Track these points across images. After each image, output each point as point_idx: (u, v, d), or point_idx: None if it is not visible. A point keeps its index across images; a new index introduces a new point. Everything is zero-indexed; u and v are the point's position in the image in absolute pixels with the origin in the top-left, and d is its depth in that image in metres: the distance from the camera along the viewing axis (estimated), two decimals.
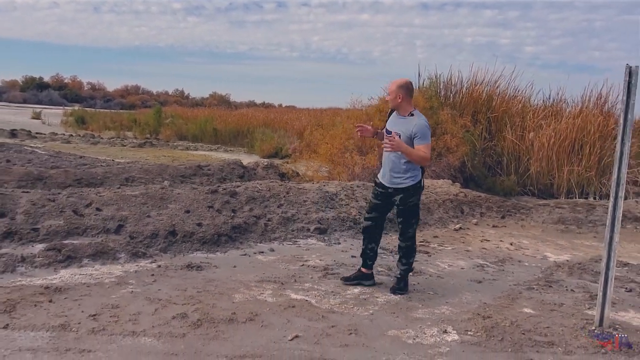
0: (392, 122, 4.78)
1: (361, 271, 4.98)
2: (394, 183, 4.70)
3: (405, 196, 4.69)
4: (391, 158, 4.69)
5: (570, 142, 12.02)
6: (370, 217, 4.92)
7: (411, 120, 4.61)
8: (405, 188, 4.67)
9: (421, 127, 4.57)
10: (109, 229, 5.55)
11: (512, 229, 7.96)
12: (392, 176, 4.70)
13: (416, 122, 4.59)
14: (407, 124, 4.60)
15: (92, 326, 3.66)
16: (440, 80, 12.42)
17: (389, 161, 4.73)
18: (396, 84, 4.68)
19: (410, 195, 4.71)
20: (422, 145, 4.53)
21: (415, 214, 4.83)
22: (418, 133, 4.54)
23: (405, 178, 4.66)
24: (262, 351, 3.44)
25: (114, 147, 18.69)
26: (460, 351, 3.59)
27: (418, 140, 4.53)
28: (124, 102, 57.82)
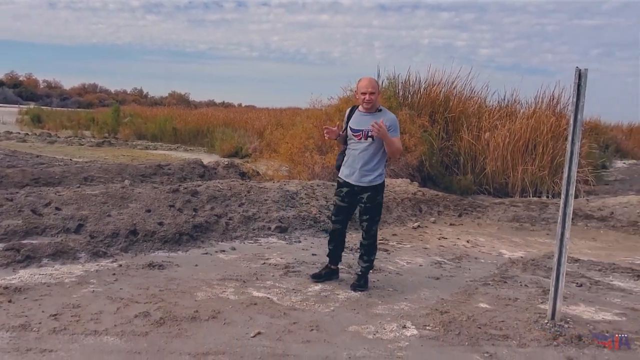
0: (357, 121, 4.78)
1: (330, 267, 5.07)
2: (364, 181, 4.74)
3: (373, 194, 4.78)
4: (362, 155, 4.72)
5: (524, 142, 12.39)
6: (338, 219, 4.97)
7: (380, 115, 4.69)
8: (374, 186, 4.76)
9: (393, 121, 4.72)
10: (69, 229, 5.49)
11: (469, 227, 8.18)
12: (362, 174, 4.74)
13: (388, 117, 4.70)
14: (378, 119, 4.62)
15: (53, 326, 3.65)
16: (398, 81, 12.64)
17: (359, 159, 4.74)
18: (376, 82, 4.84)
19: (377, 192, 4.82)
20: (395, 138, 4.67)
21: (380, 211, 4.96)
22: (392, 126, 4.64)
23: (376, 176, 4.76)
24: (225, 348, 3.49)
25: (72, 147, 18.33)
26: (419, 345, 3.70)
27: (392, 132, 4.63)
28: (81, 100, 56.50)
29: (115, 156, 15.92)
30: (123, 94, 62.90)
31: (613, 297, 5.06)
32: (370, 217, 4.85)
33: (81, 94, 61.65)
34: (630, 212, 9.16)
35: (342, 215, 4.95)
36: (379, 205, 4.91)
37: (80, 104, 53.04)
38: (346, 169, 4.87)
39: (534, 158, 12.30)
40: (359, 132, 4.73)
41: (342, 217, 4.96)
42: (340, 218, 4.96)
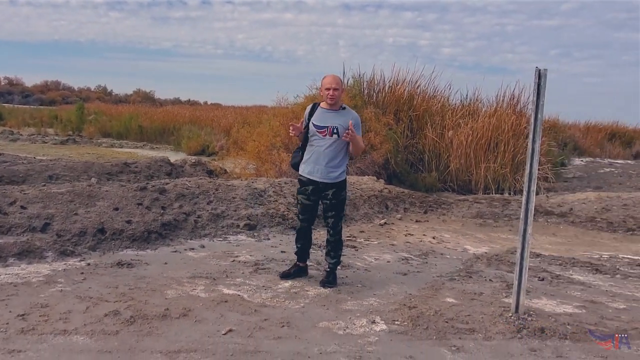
0: (321, 117, 4.83)
1: (298, 265, 5.15)
2: (329, 177, 4.81)
3: (337, 190, 4.86)
4: (327, 152, 4.78)
5: (487, 140, 12.63)
6: (304, 218, 5.04)
7: (345, 113, 4.81)
8: (339, 182, 4.85)
9: (358, 119, 4.86)
10: (35, 228, 5.42)
11: (434, 224, 8.34)
12: (328, 170, 4.80)
13: (352, 115, 4.84)
14: (342, 117, 4.76)
15: (21, 326, 3.62)
16: (363, 79, 12.75)
17: (324, 155, 4.79)
18: (340, 79, 4.91)
19: (342, 189, 4.91)
20: (358, 137, 4.77)
21: (344, 207, 5.06)
22: (357, 124, 4.78)
23: (340, 172, 4.85)
24: (197, 346, 3.51)
25: (35, 145, 17.95)
26: (388, 340, 3.79)
27: (358, 129, 4.78)
28: (44, 98, 54.95)
29: (80, 154, 15.66)
30: (87, 92, 61.43)
31: (573, 291, 5.24)
32: (336, 213, 4.94)
33: (43, 91, 59.90)
34: (589, 208, 9.46)
35: (308, 214, 5.02)
36: (344, 201, 5.01)
37: (42, 102, 51.68)
38: (308, 166, 4.90)
39: (496, 156, 12.56)
40: (324, 129, 4.77)
41: (308, 216, 5.03)
42: (307, 216, 5.03)
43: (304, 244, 5.10)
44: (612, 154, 25.98)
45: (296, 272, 5.10)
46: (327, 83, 4.78)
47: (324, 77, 4.90)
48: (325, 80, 4.83)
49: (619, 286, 5.50)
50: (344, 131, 4.66)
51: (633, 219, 9.01)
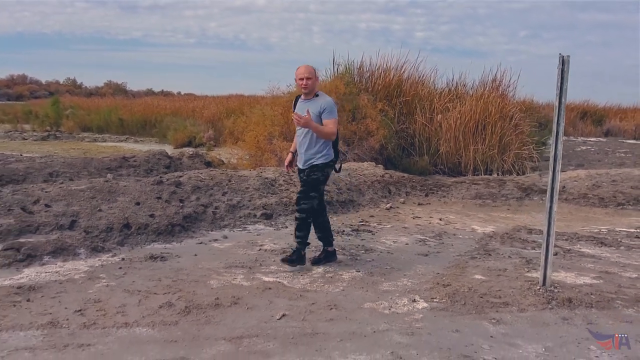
0: (298, 108, 5.02)
1: (327, 250, 5.28)
2: (307, 163, 4.97)
3: (310, 169, 4.96)
4: (304, 141, 4.96)
5: (474, 123, 12.92)
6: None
7: (317, 99, 4.93)
8: (316, 165, 4.93)
9: (329, 103, 4.91)
10: (63, 225, 5.47)
11: (437, 206, 8.58)
12: (306, 158, 4.96)
13: (323, 101, 4.91)
14: (314, 104, 4.89)
15: (82, 321, 3.72)
16: (353, 67, 12.91)
17: (301, 144, 5.00)
18: (314, 68, 4.97)
19: (316, 169, 4.96)
20: (329, 120, 4.86)
21: (315, 188, 5.02)
22: (326, 108, 4.86)
23: (319, 157, 4.94)
24: (256, 331, 3.67)
25: (15, 142, 17.67)
26: (432, 317, 4.00)
27: (326, 114, 4.86)
28: (10, 92, 53.50)
29: (65, 150, 15.50)
30: (55, 85, 59.98)
31: (586, 263, 5.54)
32: (303, 189, 5.05)
33: (9, 85, 58.28)
34: (580, 185, 9.83)
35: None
36: (315, 181, 5.00)
37: (9, 97, 50.38)
38: (298, 155, 5.14)
39: (484, 138, 12.86)
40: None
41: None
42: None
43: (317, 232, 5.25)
44: (585, 132, 26.70)
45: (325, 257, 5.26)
46: (300, 73, 4.91)
47: (297, 68, 5.00)
48: (298, 71, 4.94)
49: (626, 257, 5.82)
50: (315, 119, 4.80)
51: (622, 193, 9.40)
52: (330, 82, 11.44)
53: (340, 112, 11.09)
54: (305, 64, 4.99)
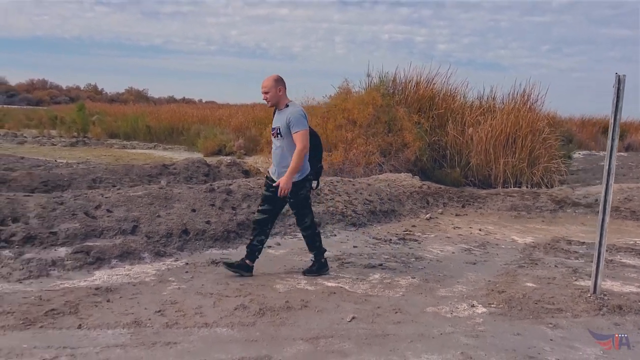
0: (274, 119, 4.99)
1: (246, 262, 5.11)
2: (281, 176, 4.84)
3: (295, 190, 4.87)
4: (277, 153, 4.91)
5: (505, 136, 13.08)
6: (263, 209, 5.06)
7: (286, 111, 4.81)
8: (293, 183, 4.81)
9: (294, 114, 4.75)
10: (125, 230, 5.70)
11: (474, 217, 8.74)
12: (280, 171, 4.87)
13: (290, 111, 4.78)
14: (282, 116, 4.81)
15: (164, 321, 3.92)
16: (387, 80, 13.14)
17: (275, 156, 4.96)
18: (273, 79, 4.83)
19: (300, 187, 4.91)
20: (297, 132, 4.72)
21: (306, 204, 5.08)
22: (292, 120, 4.72)
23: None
24: (331, 332, 3.86)
25: (45, 147, 18.02)
26: (492, 321, 4.18)
27: (293, 127, 4.73)
28: (31, 97, 54.09)
29: (96, 156, 15.83)
30: (76, 90, 60.55)
31: (629, 273, 5.72)
32: (298, 210, 5.07)
33: (29, 90, 58.80)
34: (612, 199, 9.91)
35: (267, 205, 5.04)
36: (304, 199, 5.02)
37: (29, 101, 50.86)
38: (271, 167, 5.12)
39: (514, 151, 13.02)
40: (274, 130, 4.93)
41: (267, 207, 5.04)
42: (265, 208, 5.04)
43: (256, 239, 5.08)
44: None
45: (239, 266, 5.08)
46: (261, 87, 4.87)
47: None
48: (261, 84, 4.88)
49: None
50: (284, 131, 4.76)
51: None
52: (367, 94, 11.67)
53: (376, 123, 11.33)
54: (267, 77, 4.90)
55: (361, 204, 7.90)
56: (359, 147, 10.51)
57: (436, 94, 13.65)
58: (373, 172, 10.54)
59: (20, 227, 5.30)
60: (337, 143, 10.61)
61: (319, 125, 10.76)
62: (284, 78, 4.91)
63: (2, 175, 8.28)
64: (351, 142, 10.63)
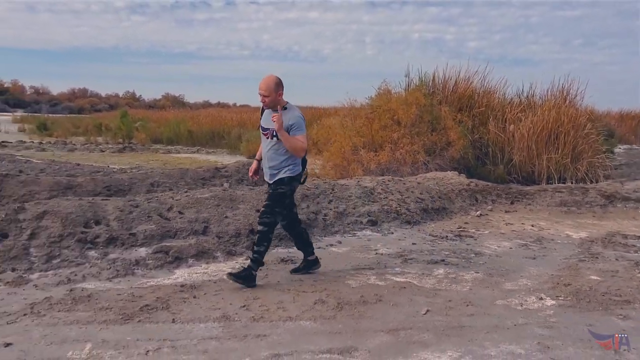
0: (265, 119, 4.90)
1: (308, 260, 5.29)
2: (273, 177, 4.85)
3: (277, 183, 4.84)
4: (269, 154, 4.84)
5: (547, 132, 13.10)
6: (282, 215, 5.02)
7: (285, 113, 4.71)
8: (281, 178, 4.82)
9: (296, 118, 4.71)
10: (197, 231, 6.00)
11: (523, 213, 8.84)
12: (271, 172, 4.86)
13: (291, 115, 4.72)
14: (282, 118, 4.68)
15: (250, 315, 4.17)
16: (427, 79, 13.30)
17: (267, 157, 4.87)
18: (274, 82, 4.72)
19: (282, 183, 4.83)
20: (298, 135, 4.70)
21: (279, 203, 4.88)
22: (295, 124, 4.67)
23: (285, 171, 4.82)
24: (408, 324, 4.07)
25: (94, 154, 18.59)
26: (562, 312, 4.34)
27: (294, 131, 4.68)
28: (72, 106, 55.75)
29: (145, 161, 16.29)
30: (115, 98, 62.35)
31: None
32: (268, 204, 4.88)
33: (71, 99, 60.80)
34: None
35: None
36: (279, 196, 4.87)
37: (71, 110, 52.45)
38: (263, 167, 5.04)
39: (557, 147, 13.02)
40: (267, 131, 4.85)
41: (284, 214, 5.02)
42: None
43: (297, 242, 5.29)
44: None
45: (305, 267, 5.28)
46: (259, 88, 4.76)
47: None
48: (259, 85, 4.77)
49: None
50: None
51: None
52: (410, 94, 11.86)
53: (420, 123, 11.50)
54: (265, 77, 4.79)
55: (413, 202, 8.08)
56: (405, 147, 10.70)
57: (475, 92, 13.73)
58: (419, 171, 10.71)
59: (103, 229, 5.64)
60: (382, 143, 10.81)
61: (364, 126, 10.99)
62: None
63: (68, 181, 8.69)
64: (397, 142, 10.82)
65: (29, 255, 5.12)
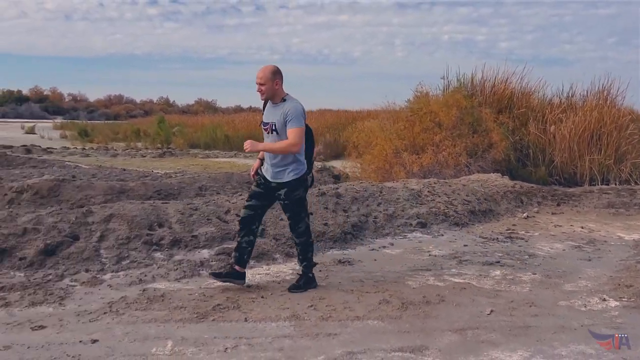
0: (266, 113, 4.69)
1: (234, 268, 4.85)
2: (277, 178, 4.63)
3: (289, 190, 4.62)
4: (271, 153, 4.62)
5: (589, 133, 13.00)
6: (249, 204, 4.79)
7: (284, 105, 4.52)
8: (289, 182, 4.59)
9: (293, 110, 4.48)
10: None
11: (570, 215, 8.82)
12: (274, 170, 4.62)
13: (289, 106, 4.49)
14: (279, 110, 4.52)
15: (318, 314, 4.28)
16: (465, 81, 13.32)
17: (270, 156, 4.63)
18: (270, 71, 4.52)
19: (295, 188, 4.62)
20: (292, 129, 4.44)
21: (302, 207, 4.76)
22: (289, 115, 4.44)
23: (289, 172, 4.60)
24: (474, 324, 4.15)
25: (136, 159, 19.03)
26: (627, 313, 4.38)
27: (289, 123, 4.45)
28: (109, 112, 57.14)
29: (185, 166, 16.62)
30: (149, 104, 63.70)
31: None
32: (293, 214, 4.73)
33: (107, 105, 62.39)
34: None
35: (254, 201, 4.78)
36: (299, 201, 4.70)
37: (107, 116, 53.73)
38: (264, 165, 4.79)
39: (599, 148, 12.92)
40: (267, 125, 4.63)
41: (254, 203, 4.78)
42: (252, 203, 4.78)
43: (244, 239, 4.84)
44: None
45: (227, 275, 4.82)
46: (256, 77, 4.55)
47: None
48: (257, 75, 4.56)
49: None
50: (281, 127, 4.48)
51: None
52: (450, 96, 11.91)
53: (461, 125, 11.53)
54: (264, 66, 4.59)
55: (460, 204, 8.14)
56: (447, 149, 10.76)
57: (514, 93, 13.70)
58: (461, 173, 10.75)
59: (166, 232, 5.84)
60: (424, 145, 10.88)
61: (406, 129, 11.09)
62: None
63: (121, 185, 8.97)
64: (439, 144, 10.88)
65: (99, 257, 5.35)
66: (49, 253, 5.21)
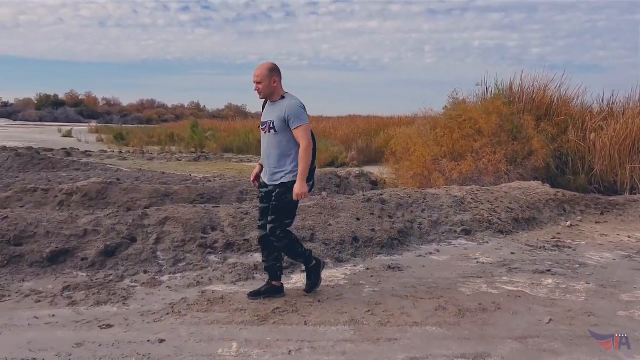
0: (264, 112, 4.57)
1: (272, 284, 4.81)
2: (274, 179, 4.49)
3: (282, 191, 4.43)
4: (269, 151, 4.49)
5: (631, 141, 12.80)
6: (262, 224, 4.66)
7: (282, 103, 4.40)
8: (284, 183, 4.43)
9: (293, 108, 4.34)
10: (304, 237, 6.23)
11: (615, 224, 8.72)
12: (272, 171, 4.50)
13: (287, 104, 4.36)
14: (277, 108, 4.40)
15: (377, 320, 4.33)
16: (505, 88, 13.27)
17: (266, 155, 4.52)
18: (267, 68, 4.42)
19: (288, 190, 4.40)
20: (298, 128, 4.33)
21: (289, 212, 4.54)
22: (291, 115, 4.31)
23: (287, 173, 4.44)
24: (534, 332, 4.15)
25: (172, 162, 19.32)
26: None
27: (292, 123, 4.32)
28: (141, 116, 58.32)
29: (221, 170, 16.83)
30: (181, 108, 64.86)
31: None
32: (276, 217, 4.47)
33: (140, 110, 63.79)
34: None
35: (265, 219, 4.59)
36: (288, 204, 4.47)
37: (140, 120, 54.78)
38: (264, 168, 4.66)
39: None
40: (264, 125, 4.50)
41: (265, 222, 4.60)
42: (264, 222, 4.61)
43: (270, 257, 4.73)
44: None
45: (267, 291, 4.75)
46: (253, 76, 4.45)
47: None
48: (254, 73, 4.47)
49: None
50: (280, 125, 4.35)
51: None
52: (490, 103, 11.87)
53: (500, 132, 11.49)
54: (261, 64, 4.48)
55: (504, 211, 8.12)
56: (487, 156, 10.73)
57: (553, 100, 13.59)
58: (501, 181, 10.70)
59: (220, 235, 5.96)
60: (463, 152, 10.87)
61: (445, 136, 11.09)
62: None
63: (166, 189, 9.14)
64: (479, 151, 10.86)
65: (157, 259, 5.49)
66: (109, 254, 5.37)
